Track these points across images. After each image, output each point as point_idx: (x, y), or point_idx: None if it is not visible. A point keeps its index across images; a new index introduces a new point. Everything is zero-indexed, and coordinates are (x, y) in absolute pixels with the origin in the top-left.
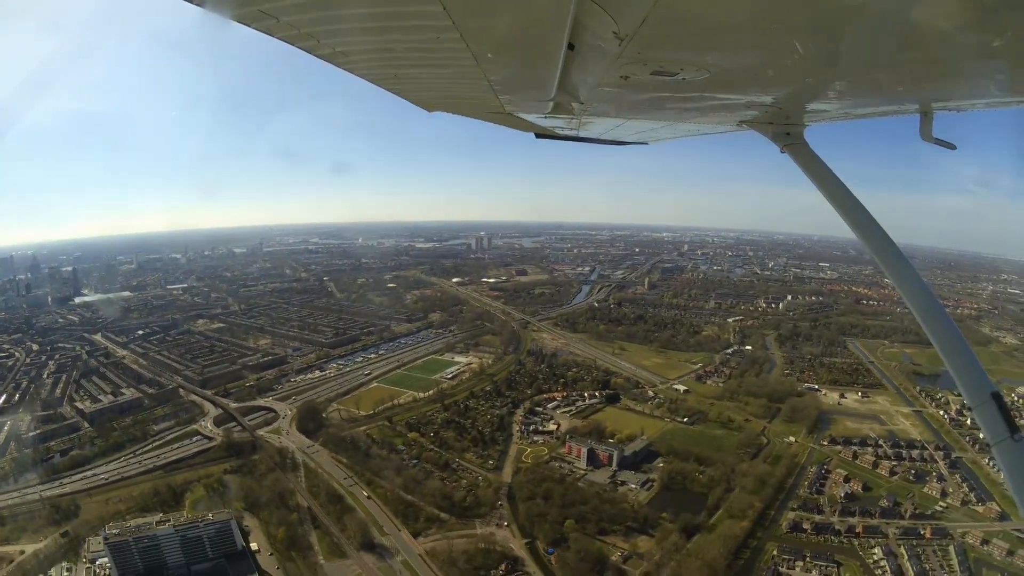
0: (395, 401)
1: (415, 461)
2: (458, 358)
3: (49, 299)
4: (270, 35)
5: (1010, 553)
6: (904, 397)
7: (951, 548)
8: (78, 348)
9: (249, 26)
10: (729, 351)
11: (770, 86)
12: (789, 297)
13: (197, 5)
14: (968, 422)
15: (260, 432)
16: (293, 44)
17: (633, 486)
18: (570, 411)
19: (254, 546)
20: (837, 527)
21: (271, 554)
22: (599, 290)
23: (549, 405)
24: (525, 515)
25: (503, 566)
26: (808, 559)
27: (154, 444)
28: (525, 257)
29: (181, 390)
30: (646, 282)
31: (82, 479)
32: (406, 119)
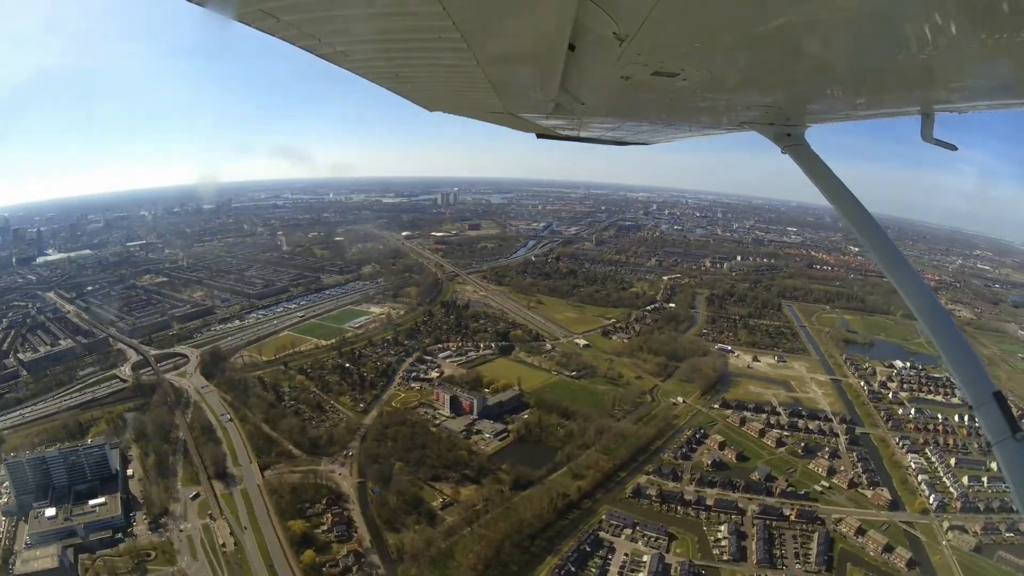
0: (296, 348)
1: (293, 402)
2: (373, 308)
3: (13, 260)
4: (271, 35)
5: (887, 550)
6: (825, 364)
7: (815, 536)
8: (30, 305)
9: (250, 26)
10: (649, 308)
11: (771, 87)
12: (738, 258)
13: (198, 4)
14: (890, 395)
15: (168, 375)
16: (294, 44)
17: (487, 435)
18: (460, 360)
19: (130, 472)
20: (688, 497)
21: (140, 479)
22: (544, 245)
23: (441, 355)
24: (367, 456)
25: (325, 500)
26: (637, 528)
27: (78, 387)
28: (488, 212)
29: (111, 339)
30: (594, 238)
31: (10, 418)
32: None
